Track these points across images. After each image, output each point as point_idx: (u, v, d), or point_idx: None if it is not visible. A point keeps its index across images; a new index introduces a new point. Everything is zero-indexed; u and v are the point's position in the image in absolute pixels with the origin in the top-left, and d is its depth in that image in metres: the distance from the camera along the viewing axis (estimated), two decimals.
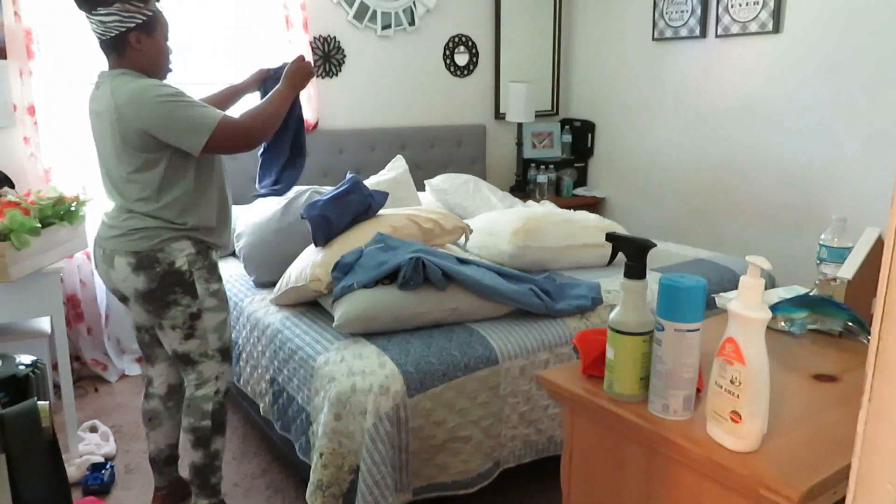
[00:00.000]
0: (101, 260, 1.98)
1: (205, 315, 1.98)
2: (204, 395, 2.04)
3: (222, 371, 2.06)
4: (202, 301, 1.97)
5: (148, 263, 1.90)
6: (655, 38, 3.95)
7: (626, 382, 1.12)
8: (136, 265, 1.90)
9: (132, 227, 1.90)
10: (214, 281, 2.01)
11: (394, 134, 3.93)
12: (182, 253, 1.93)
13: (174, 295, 1.93)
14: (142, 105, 1.82)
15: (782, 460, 0.95)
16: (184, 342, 1.99)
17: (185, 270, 1.93)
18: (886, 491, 0.57)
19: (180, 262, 1.92)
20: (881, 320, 0.56)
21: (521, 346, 2.08)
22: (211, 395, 2.04)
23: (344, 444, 1.88)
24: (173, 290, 1.93)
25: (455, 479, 1.97)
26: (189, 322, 1.97)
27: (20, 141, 2.97)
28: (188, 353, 2.01)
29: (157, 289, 1.91)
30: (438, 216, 2.57)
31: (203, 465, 2.06)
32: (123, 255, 1.90)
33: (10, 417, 1.07)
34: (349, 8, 3.73)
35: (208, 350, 2.01)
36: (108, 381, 3.20)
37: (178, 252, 1.92)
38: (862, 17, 3.03)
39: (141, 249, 1.89)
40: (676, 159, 3.96)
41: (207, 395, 2.04)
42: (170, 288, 1.92)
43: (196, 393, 2.04)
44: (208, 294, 1.98)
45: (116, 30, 1.85)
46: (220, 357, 2.05)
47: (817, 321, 1.44)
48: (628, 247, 1.16)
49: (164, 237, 1.90)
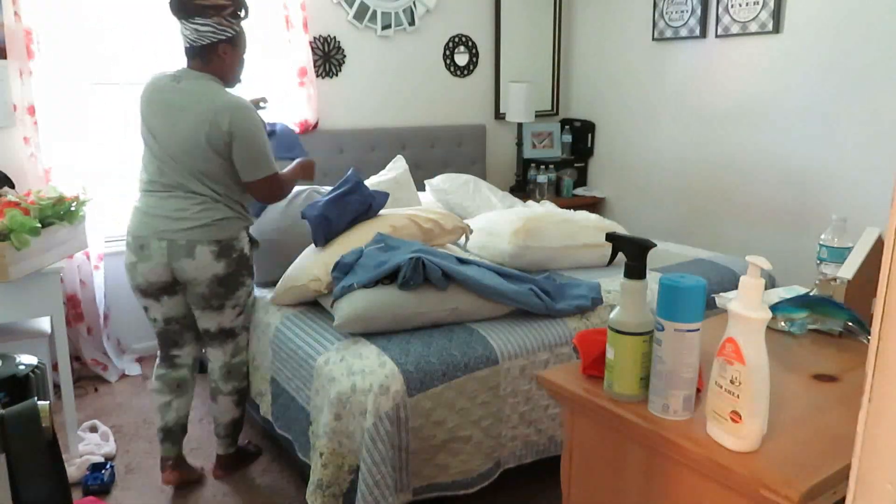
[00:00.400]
0: (165, 252, 2.08)
1: (252, 293, 2.33)
2: (240, 361, 2.35)
3: (247, 340, 2.39)
4: (249, 287, 2.27)
5: (227, 251, 2.13)
6: (655, 38, 3.95)
7: (626, 382, 1.12)
8: (219, 252, 2.11)
9: (215, 218, 2.10)
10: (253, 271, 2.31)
11: (394, 134, 3.93)
12: (245, 240, 2.21)
13: (242, 277, 2.20)
14: (240, 117, 2.05)
15: (782, 460, 0.95)
16: (235, 319, 2.26)
17: (248, 255, 2.23)
18: (886, 491, 0.57)
19: (246, 248, 2.21)
20: (881, 320, 0.56)
21: (521, 346, 2.08)
22: (245, 361, 2.37)
23: (344, 444, 1.88)
24: (242, 272, 2.20)
25: (455, 479, 1.97)
26: (246, 300, 2.27)
27: (20, 141, 2.97)
28: (234, 328, 2.28)
29: (233, 273, 2.16)
30: (438, 216, 2.57)
31: (239, 418, 2.39)
32: (206, 244, 2.08)
33: (10, 417, 1.07)
34: (349, 8, 3.73)
35: (247, 323, 2.37)
36: (108, 381, 3.20)
37: (244, 239, 2.21)
38: (861, 16, 3.03)
39: (223, 238, 2.11)
40: (676, 159, 3.96)
41: (242, 361, 2.36)
42: (241, 272, 2.19)
43: (233, 361, 2.32)
44: (252, 280, 2.29)
45: (209, 39, 2.06)
46: (247, 330, 2.39)
47: (817, 321, 1.44)
48: (628, 247, 1.16)
49: (238, 226, 2.17)
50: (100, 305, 3.23)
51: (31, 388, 1.37)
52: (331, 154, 3.74)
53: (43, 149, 2.99)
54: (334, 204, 2.40)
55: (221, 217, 2.10)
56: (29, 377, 1.42)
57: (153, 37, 3.30)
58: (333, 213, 2.38)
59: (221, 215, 2.11)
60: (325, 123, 3.76)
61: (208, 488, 2.36)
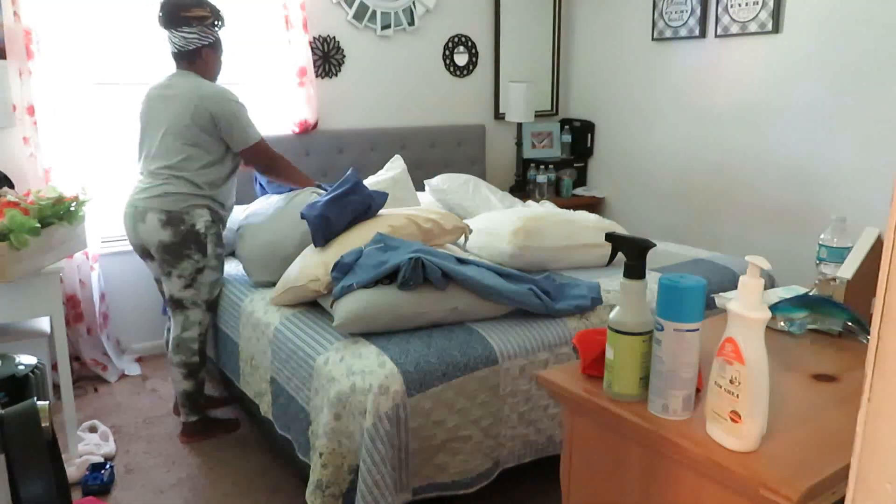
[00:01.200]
0: (130, 217, 2.51)
1: (206, 271, 2.53)
2: (190, 337, 2.57)
3: (205, 318, 2.60)
4: (209, 259, 2.53)
5: (175, 221, 2.44)
6: (655, 38, 3.95)
7: (625, 382, 1.12)
8: (166, 221, 2.43)
9: (168, 191, 2.44)
10: (220, 246, 2.58)
11: (394, 134, 3.93)
12: (201, 219, 2.48)
13: (188, 250, 2.47)
14: (223, 100, 2.47)
15: (782, 460, 0.95)
16: (182, 290, 2.52)
17: (203, 233, 2.48)
18: (886, 491, 0.57)
19: (199, 225, 2.47)
20: (881, 320, 0.56)
21: (520, 346, 2.08)
22: (196, 337, 2.58)
23: (344, 444, 1.88)
24: (189, 246, 2.47)
25: (455, 478, 1.97)
26: (193, 274, 2.51)
27: (20, 141, 2.97)
28: (182, 300, 2.54)
29: (178, 243, 2.45)
30: (438, 216, 2.57)
31: (193, 391, 2.61)
32: (156, 212, 2.44)
33: (10, 417, 1.06)
34: (349, 8, 3.73)
35: (199, 300, 2.56)
36: (108, 381, 3.20)
37: (199, 217, 2.47)
38: (861, 16, 3.03)
39: (173, 209, 2.44)
40: (676, 159, 3.96)
41: (192, 337, 2.57)
42: (187, 244, 2.47)
43: (182, 334, 2.56)
44: (214, 256, 2.55)
45: (194, 45, 2.49)
46: (205, 307, 2.59)
47: (817, 321, 1.44)
48: (628, 247, 1.16)
49: (191, 202, 2.46)
50: (99, 305, 3.23)
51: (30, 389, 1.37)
52: (330, 154, 3.74)
53: (42, 149, 2.99)
54: (334, 204, 2.40)
55: (175, 191, 2.44)
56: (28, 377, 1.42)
57: (153, 37, 3.30)
58: (333, 213, 2.38)
59: (175, 190, 2.44)
60: (325, 123, 3.76)
61: (208, 488, 2.36)
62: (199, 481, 2.41)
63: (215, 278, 2.59)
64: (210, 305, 2.62)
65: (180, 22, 2.45)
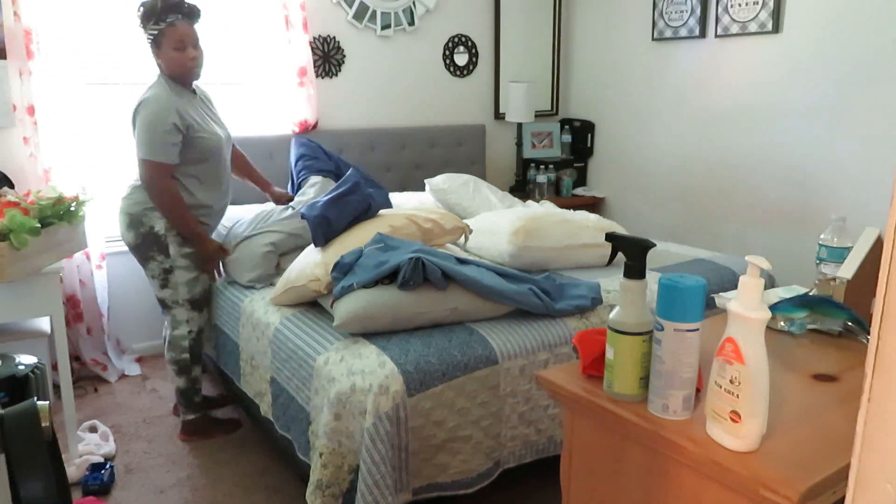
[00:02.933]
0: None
1: (177, 271, 2.54)
2: (179, 335, 2.60)
3: (192, 317, 2.60)
4: (174, 259, 2.52)
5: (136, 224, 2.50)
6: (655, 38, 3.95)
7: (625, 382, 1.12)
8: (129, 223, 2.51)
9: (130, 195, 2.52)
10: (188, 245, 2.54)
11: (394, 134, 3.93)
12: (161, 220, 2.49)
13: (152, 252, 2.51)
14: (140, 106, 2.45)
15: (782, 460, 0.95)
16: (159, 290, 2.58)
17: (162, 234, 2.49)
18: (886, 490, 0.57)
19: (158, 227, 2.49)
20: (881, 320, 0.56)
21: (520, 346, 2.08)
22: (185, 335, 2.60)
23: (344, 444, 1.88)
24: (152, 248, 2.51)
25: (455, 479, 1.97)
26: (163, 275, 2.54)
27: (20, 141, 2.97)
28: (163, 300, 2.59)
29: (140, 245, 2.52)
30: (438, 216, 2.57)
31: (187, 388, 2.63)
32: (122, 214, 2.53)
33: (10, 417, 1.06)
34: (349, 8, 3.73)
35: (179, 299, 2.57)
36: (108, 381, 3.20)
37: (158, 219, 2.49)
38: (861, 16, 3.03)
39: (133, 212, 2.50)
40: (676, 159, 3.96)
41: (181, 335, 2.60)
42: (149, 246, 2.50)
43: (173, 332, 2.61)
44: (180, 255, 2.53)
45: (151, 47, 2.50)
46: (189, 306, 2.59)
47: (817, 321, 1.44)
48: (628, 247, 1.16)
49: (148, 205, 2.48)
50: (100, 305, 3.23)
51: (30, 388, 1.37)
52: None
53: (42, 149, 2.98)
54: (334, 204, 2.40)
55: (137, 196, 2.50)
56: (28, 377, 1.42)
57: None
58: (333, 214, 2.39)
59: (137, 194, 2.50)
60: (325, 123, 3.76)
61: (208, 488, 2.36)
62: (199, 481, 2.41)
63: (189, 277, 2.56)
64: (195, 304, 2.61)
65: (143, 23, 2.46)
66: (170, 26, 2.42)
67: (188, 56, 2.46)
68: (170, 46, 2.44)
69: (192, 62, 2.49)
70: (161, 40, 2.44)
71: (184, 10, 2.45)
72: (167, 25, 2.41)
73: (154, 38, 2.45)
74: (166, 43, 2.44)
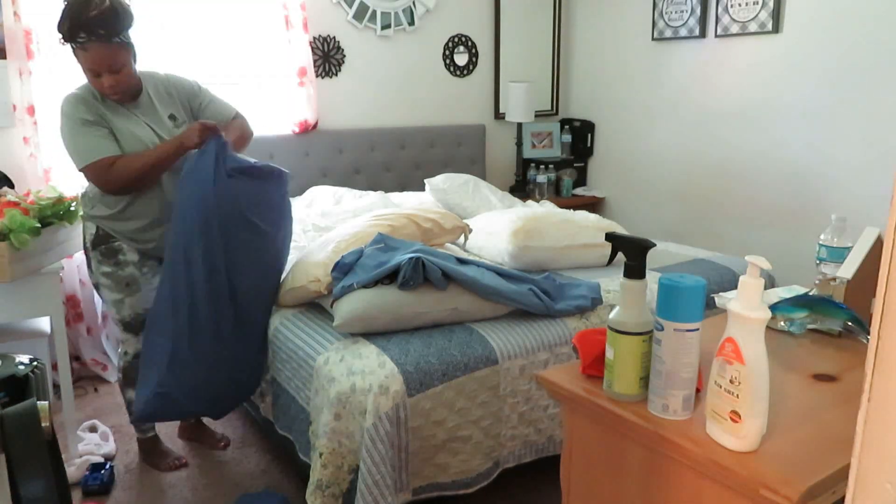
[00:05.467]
0: None
1: (101, 288, 2.32)
2: (119, 353, 2.42)
3: (127, 338, 2.37)
4: (96, 276, 2.30)
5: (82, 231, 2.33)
6: (655, 37, 3.95)
7: (625, 382, 1.12)
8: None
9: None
10: (108, 264, 2.27)
11: (394, 134, 3.93)
12: (88, 231, 2.28)
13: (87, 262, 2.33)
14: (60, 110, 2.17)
15: (782, 460, 0.95)
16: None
17: (88, 247, 2.29)
18: (886, 490, 0.57)
19: (87, 239, 2.29)
20: (881, 320, 0.56)
21: (520, 345, 2.08)
22: (122, 354, 2.41)
23: (344, 444, 1.88)
24: (86, 258, 2.33)
25: (455, 478, 1.97)
26: (95, 288, 2.36)
27: (20, 141, 2.97)
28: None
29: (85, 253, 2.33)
30: (438, 216, 2.57)
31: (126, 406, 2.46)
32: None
33: (10, 417, 1.07)
34: (349, 8, 3.73)
35: (111, 316, 2.37)
36: (108, 381, 3.20)
37: (87, 231, 2.28)
38: (861, 16, 3.03)
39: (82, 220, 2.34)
40: (676, 159, 3.96)
41: (119, 354, 2.42)
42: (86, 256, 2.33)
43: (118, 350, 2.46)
44: (100, 273, 2.28)
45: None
46: (121, 327, 2.35)
47: (817, 321, 1.44)
48: (628, 247, 1.16)
49: (81, 214, 2.33)
50: (99, 305, 3.23)
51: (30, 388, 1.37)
52: (331, 154, 3.74)
53: (42, 149, 2.99)
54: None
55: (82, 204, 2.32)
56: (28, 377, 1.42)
57: (153, 37, 3.30)
58: None
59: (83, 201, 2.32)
60: (325, 123, 3.76)
61: (208, 488, 2.36)
62: (199, 481, 2.41)
63: (115, 298, 2.28)
64: (127, 326, 2.33)
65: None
66: (80, 48, 2.02)
67: (104, 83, 2.08)
68: (84, 67, 2.07)
69: (109, 89, 2.09)
70: (77, 57, 2.06)
71: (95, 32, 1.99)
72: (78, 47, 2.02)
73: (74, 52, 2.06)
74: (81, 62, 2.07)
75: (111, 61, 2.05)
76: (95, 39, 2.00)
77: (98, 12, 1.97)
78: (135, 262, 2.28)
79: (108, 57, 2.04)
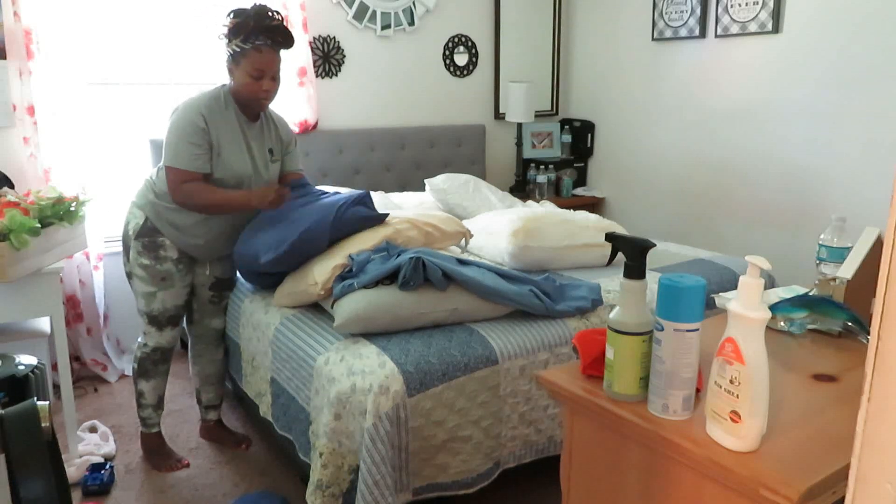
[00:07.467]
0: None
1: (134, 279, 2.39)
2: (137, 344, 2.49)
3: (149, 331, 2.43)
4: (132, 266, 2.37)
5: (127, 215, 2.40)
6: (655, 38, 3.95)
7: (625, 382, 1.12)
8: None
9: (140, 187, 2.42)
10: (148, 257, 2.34)
11: (394, 134, 3.93)
12: (134, 220, 2.36)
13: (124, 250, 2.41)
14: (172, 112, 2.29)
15: (782, 460, 0.95)
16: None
17: (130, 234, 2.36)
18: (886, 490, 0.57)
19: (130, 227, 2.36)
20: (881, 320, 0.56)
21: (520, 346, 2.08)
22: (140, 345, 2.47)
23: (344, 444, 1.88)
24: (123, 246, 2.40)
25: (455, 479, 1.97)
26: (128, 278, 2.42)
27: (20, 141, 2.97)
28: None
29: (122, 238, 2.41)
30: (439, 220, 2.56)
31: (137, 397, 2.52)
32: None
33: (10, 417, 1.07)
34: (349, 8, 3.73)
35: (139, 307, 2.42)
36: (108, 382, 3.20)
37: (134, 219, 2.36)
38: (861, 16, 3.03)
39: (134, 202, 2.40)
40: (676, 159, 3.96)
41: (138, 344, 2.48)
42: (124, 241, 2.40)
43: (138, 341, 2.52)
44: (137, 264, 2.35)
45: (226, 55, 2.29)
46: (146, 319, 2.42)
47: (817, 321, 1.44)
48: (628, 247, 1.16)
49: (136, 201, 2.38)
50: (99, 305, 3.23)
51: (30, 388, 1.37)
52: (330, 154, 3.74)
53: (42, 149, 2.98)
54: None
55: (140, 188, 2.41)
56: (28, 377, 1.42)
57: (153, 37, 3.30)
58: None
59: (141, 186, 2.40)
60: (325, 123, 3.76)
61: (208, 488, 2.36)
62: (199, 481, 2.41)
63: (147, 291, 2.36)
64: (153, 320, 2.40)
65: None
66: (255, 50, 2.19)
67: (262, 87, 2.25)
68: (246, 70, 2.22)
69: (265, 94, 2.28)
70: (240, 60, 2.22)
71: (276, 38, 2.21)
72: (252, 48, 2.19)
73: (234, 54, 2.22)
74: (245, 64, 2.22)
75: (277, 68, 2.27)
76: (272, 45, 2.22)
77: (278, 22, 2.23)
78: (174, 259, 2.36)
79: (276, 63, 2.26)
